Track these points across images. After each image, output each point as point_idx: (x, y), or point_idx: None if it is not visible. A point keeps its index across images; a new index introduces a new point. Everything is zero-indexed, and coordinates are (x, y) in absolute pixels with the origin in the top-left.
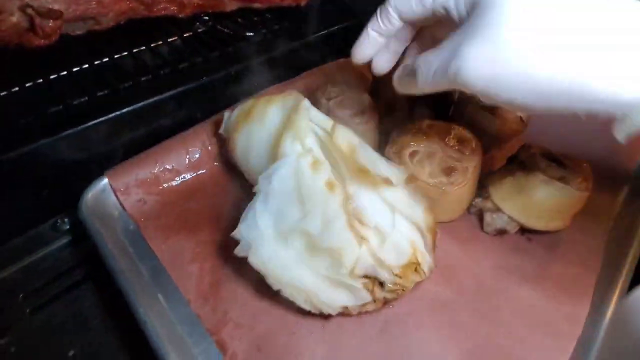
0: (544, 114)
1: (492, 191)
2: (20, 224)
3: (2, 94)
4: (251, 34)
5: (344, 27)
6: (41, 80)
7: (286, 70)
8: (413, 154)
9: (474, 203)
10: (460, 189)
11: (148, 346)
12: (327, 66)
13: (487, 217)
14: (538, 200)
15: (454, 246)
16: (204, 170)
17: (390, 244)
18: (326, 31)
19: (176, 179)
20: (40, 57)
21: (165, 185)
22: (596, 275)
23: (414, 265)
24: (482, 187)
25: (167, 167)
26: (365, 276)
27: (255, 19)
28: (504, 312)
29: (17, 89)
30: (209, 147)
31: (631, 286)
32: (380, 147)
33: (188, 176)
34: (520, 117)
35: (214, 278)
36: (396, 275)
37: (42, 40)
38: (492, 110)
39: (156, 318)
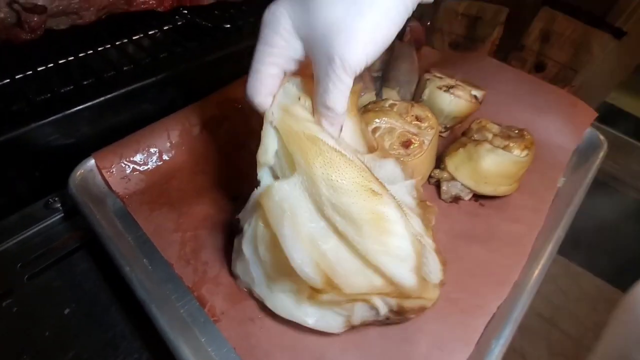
0: None
1: (447, 162)
2: (14, 203)
3: None
4: (228, 25)
5: None
6: (30, 72)
7: None
8: (375, 130)
9: (432, 174)
10: (417, 160)
11: (136, 302)
12: None
13: (444, 185)
14: (485, 167)
15: None
16: (185, 151)
17: None
18: None
19: (158, 159)
20: (28, 50)
21: (148, 164)
22: (537, 232)
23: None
24: (440, 159)
25: (150, 148)
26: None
27: (232, 11)
28: (452, 266)
29: (7, 80)
30: (190, 130)
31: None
32: None
33: (169, 156)
34: (475, 96)
35: (195, 244)
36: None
37: (29, 35)
38: (449, 90)
39: (142, 277)
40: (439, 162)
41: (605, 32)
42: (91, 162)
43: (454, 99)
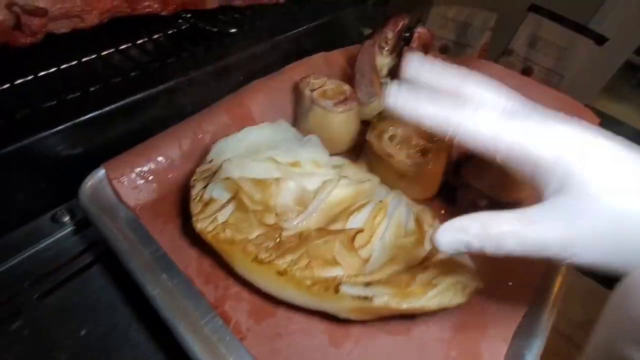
0: None
1: (463, 168)
2: (19, 217)
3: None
4: (234, 30)
5: (323, 22)
6: (32, 76)
7: (270, 63)
8: (392, 137)
9: (448, 180)
10: (434, 168)
11: (158, 320)
12: (309, 59)
13: (459, 192)
14: (501, 175)
15: None
16: (197, 160)
17: None
18: (306, 26)
19: (170, 168)
20: (28, 55)
21: (160, 174)
22: None
23: None
24: (454, 167)
25: (161, 157)
26: None
27: (236, 16)
28: None
29: (7, 85)
30: (200, 137)
31: None
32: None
33: (182, 165)
34: None
35: (214, 259)
36: None
37: (29, 39)
38: None
39: (164, 295)
40: (455, 168)
41: (588, 38)
42: (101, 172)
43: None
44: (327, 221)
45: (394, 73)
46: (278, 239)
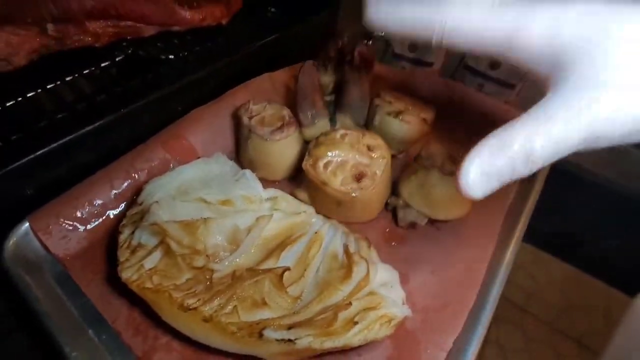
0: None
1: (401, 188)
2: None
3: None
4: (171, 56)
5: (266, 42)
6: None
7: (211, 90)
8: (327, 164)
9: (388, 201)
10: (369, 192)
11: None
12: (253, 81)
13: (400, 212)
14: (437, 194)
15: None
16: (132, 201)
17: None
18: (248, 47)
19: (102, 213)
20: None
21: (91, 221)
22: (490, 253)
23: None
24: (395, 185)
25: (92, 202)
26: None
27: (176, 41)
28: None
29: None
30: (135, 177)
31: None
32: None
33: (115, 209)
34: (424, 119)
35: (145, 307)
36: None
37: None
38: (399, 116)
39: (84, 352)
40: (395, 187)
41: None
42: (25, 225)
43: (404, 125)
44: (262, 258)
45: (338, 93)
46: (208, 282)
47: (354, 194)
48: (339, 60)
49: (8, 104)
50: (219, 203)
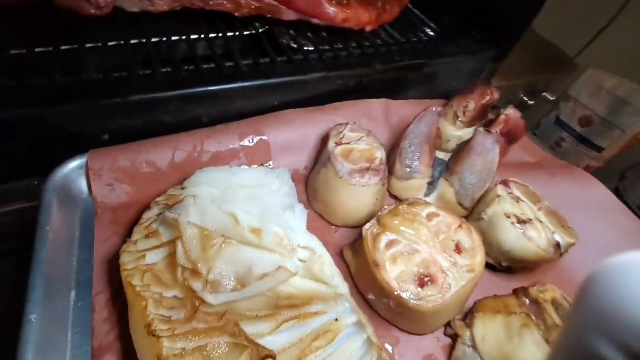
0: None
1: (476, 322)
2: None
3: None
4: (311, 48)
5: (405, 65)
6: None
7: (323, 97)
8: (392, 244)
9: (452, 324)
10: (428, 309)
11: None
12: (361, 102)
13: (459, 350)
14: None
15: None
16: (183, 176)
17: None
18: (386, 66)
19: (152, 177)
20: (89, 25)
21: (140, 180)
22: None
23: None
24: (471, 308)
25: (149, 162)
26: None
27: (309, 34)
28: None
29: (51, 49)
30: (198, 154)
31: None
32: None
33: (167, 179)
34: (557, 244)
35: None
36: None
37: (93, 10)
38: (520, 225)
39: (51, 313)
40: (468, 309)
41: None
42: (83, 160)
43: (523, 240)
44: (262, 314)
45: (456, 155)
46: (193, 311)
47: (405, 299)
48: (477, 116)
49: (132, 42)
50: (249, 229)
